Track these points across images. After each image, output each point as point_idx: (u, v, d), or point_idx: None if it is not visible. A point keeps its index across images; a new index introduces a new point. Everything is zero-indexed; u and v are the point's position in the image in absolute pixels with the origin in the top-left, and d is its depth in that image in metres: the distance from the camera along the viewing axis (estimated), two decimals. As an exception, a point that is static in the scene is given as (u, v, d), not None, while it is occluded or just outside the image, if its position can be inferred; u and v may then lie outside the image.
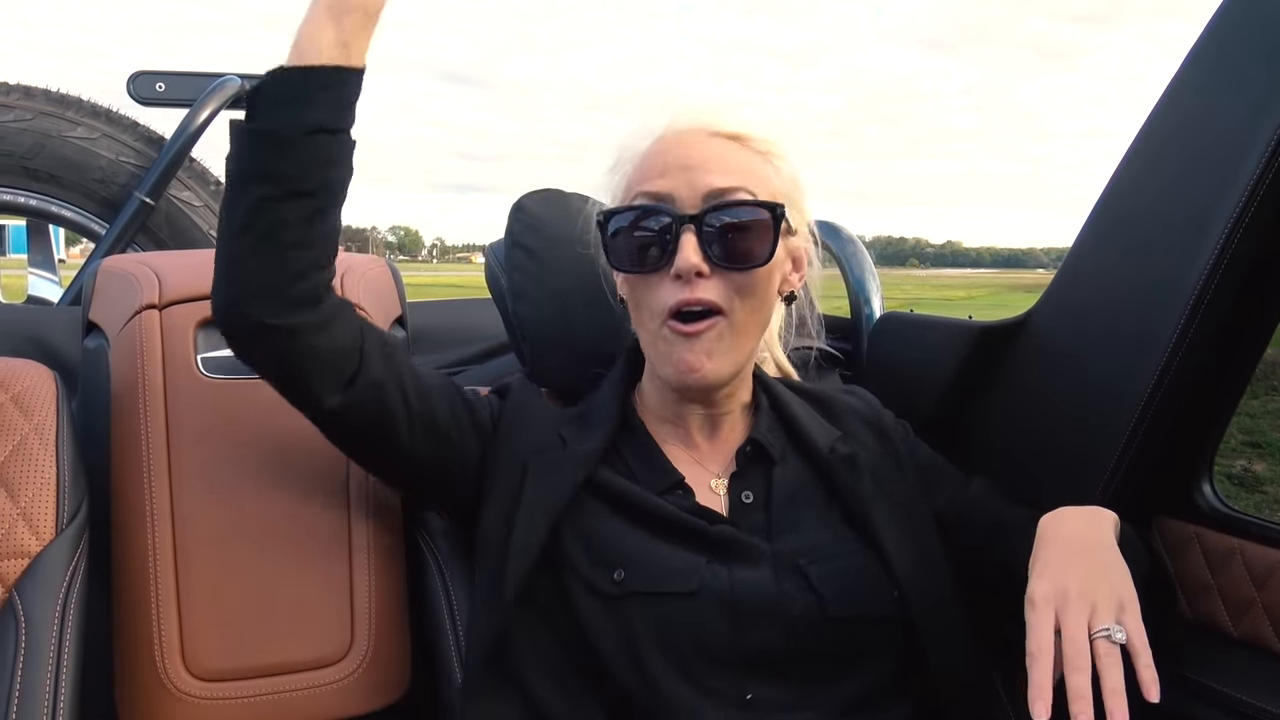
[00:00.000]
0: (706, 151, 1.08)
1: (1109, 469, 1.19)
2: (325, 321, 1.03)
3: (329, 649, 1.21)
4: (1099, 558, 0.94)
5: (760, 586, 1.02)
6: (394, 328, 1.42)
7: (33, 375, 1.22)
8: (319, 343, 1.03)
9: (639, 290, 1.11)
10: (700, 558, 1.04)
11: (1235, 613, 1.15)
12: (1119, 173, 1.29)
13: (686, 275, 1.05)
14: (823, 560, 1.06)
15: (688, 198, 1.06)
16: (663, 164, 1.09)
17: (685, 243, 1.04)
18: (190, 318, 1.28)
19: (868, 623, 1.04)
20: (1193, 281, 1.11)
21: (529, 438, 1.15)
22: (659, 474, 1.13)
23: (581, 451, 1.12)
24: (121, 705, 1.18)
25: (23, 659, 1.04)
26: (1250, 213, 1.08)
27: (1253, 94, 1.11)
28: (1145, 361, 1.16)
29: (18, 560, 1.10)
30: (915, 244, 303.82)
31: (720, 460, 1.17)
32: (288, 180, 0.97)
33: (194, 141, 2.56)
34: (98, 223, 2.57)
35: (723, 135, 1.10)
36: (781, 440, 1.17)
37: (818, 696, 1.01)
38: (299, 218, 0.98)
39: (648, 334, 1.12)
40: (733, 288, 1.07)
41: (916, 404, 1.38)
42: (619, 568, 1.03)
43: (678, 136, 1.11)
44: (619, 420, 1.17)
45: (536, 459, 1.12)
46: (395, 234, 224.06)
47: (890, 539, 1.08)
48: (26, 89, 2.50)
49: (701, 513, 1.09)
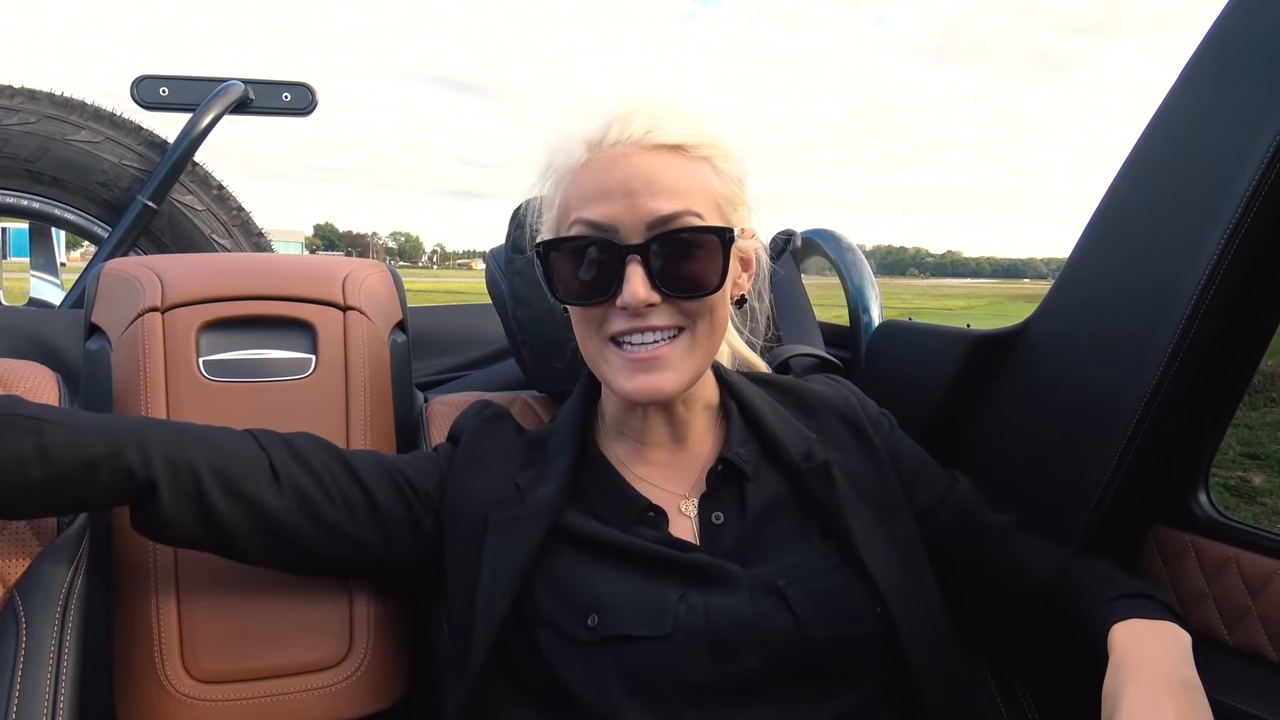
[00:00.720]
0: (647, 171, 1.01)
1: (1106, 477, 1.20)
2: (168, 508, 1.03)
3: (328, 652, 1.21)
4: (1191, 702, 0.91)
5: (737, 615, 0.99)
6: (395, 332, 1.43)
7: (35, 376, 1.22)
8: (177, 529, 1.05)
9: (582, 316, 1.07)
10: (674, 593, 1.00)
11: (1231, 621, 1.16)
12: (1117, 181, 1.29)
13: (635, 308, 1.01)
14: (801, 580, 1.02)
15: (631, 226, 1.00)
16: (602, 187, 1.02)
17: (632, 275, 1.00)
18: (193, 320, 1.29)
19: (850, 641, 1.01)
20: (1190, 289, 1.12)
21: (484, 492, 1.11)
22: (625, 504, 1.09)
23: (540, 501, 1.08)
24: (121, 707, 1.18)
25: (23, 659, 1.04)
26: (1248, 220, 1.08)
27: (1251, 102, 1.12)
28: (1142, 370, 1.16)
29: (19, 560, 1.10)
30: (915, 253, 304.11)
31: (688, 479, 1.13)
32: None
33: (197, 146, 2.58)
34: (100, 226, 2.59)
35: (663, 148, 1.02)
36: (754, 452, 1.13)
37: (805, 712, 0.99)
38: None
39: (591, 353, 1.09)
40: (683, 312, 1.03)
41: (914, 412, 1.38)
42: (592, 613, 1.00)
43: (614, 154, 1.02)
44: (578, 453, 1.13)
45: (495, 516, 1.07)
46: (395, 240, 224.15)
47: (870, 551, 1.05)
48: (30, 92, 2.52)
49: (672, 542, 1.05)
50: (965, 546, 1.17)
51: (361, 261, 1.49)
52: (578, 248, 1.03)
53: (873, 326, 1.70)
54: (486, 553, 1.05)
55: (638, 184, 1.01)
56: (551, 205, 1.10)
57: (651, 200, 1.00)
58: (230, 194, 2.70)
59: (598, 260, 1.02)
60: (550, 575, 1.04)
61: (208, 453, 1.04)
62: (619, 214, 1.01)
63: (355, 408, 1.31)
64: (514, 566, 1.04)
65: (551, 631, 1.01)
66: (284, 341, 1.32)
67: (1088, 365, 1.26)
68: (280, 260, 1.49)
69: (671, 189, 1.01)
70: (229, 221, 2.67)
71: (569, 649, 1.00)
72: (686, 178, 1.02)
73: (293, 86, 2.71)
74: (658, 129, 1.03)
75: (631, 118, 1.04)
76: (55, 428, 0.98)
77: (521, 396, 1.49)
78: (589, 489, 1.11)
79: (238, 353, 1.30)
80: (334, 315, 1.35)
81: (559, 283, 1.06)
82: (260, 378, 1.29)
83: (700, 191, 1.03)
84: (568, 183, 1.06)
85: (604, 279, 1.02)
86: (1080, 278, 1.33)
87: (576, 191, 1.05)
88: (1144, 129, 1.27)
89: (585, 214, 1.02)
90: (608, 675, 0.98)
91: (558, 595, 1.03)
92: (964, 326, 1.52)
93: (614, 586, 1.02)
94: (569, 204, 1.06)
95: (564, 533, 1.06)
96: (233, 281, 1.35)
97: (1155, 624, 0.98)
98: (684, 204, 1.01)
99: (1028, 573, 1.15)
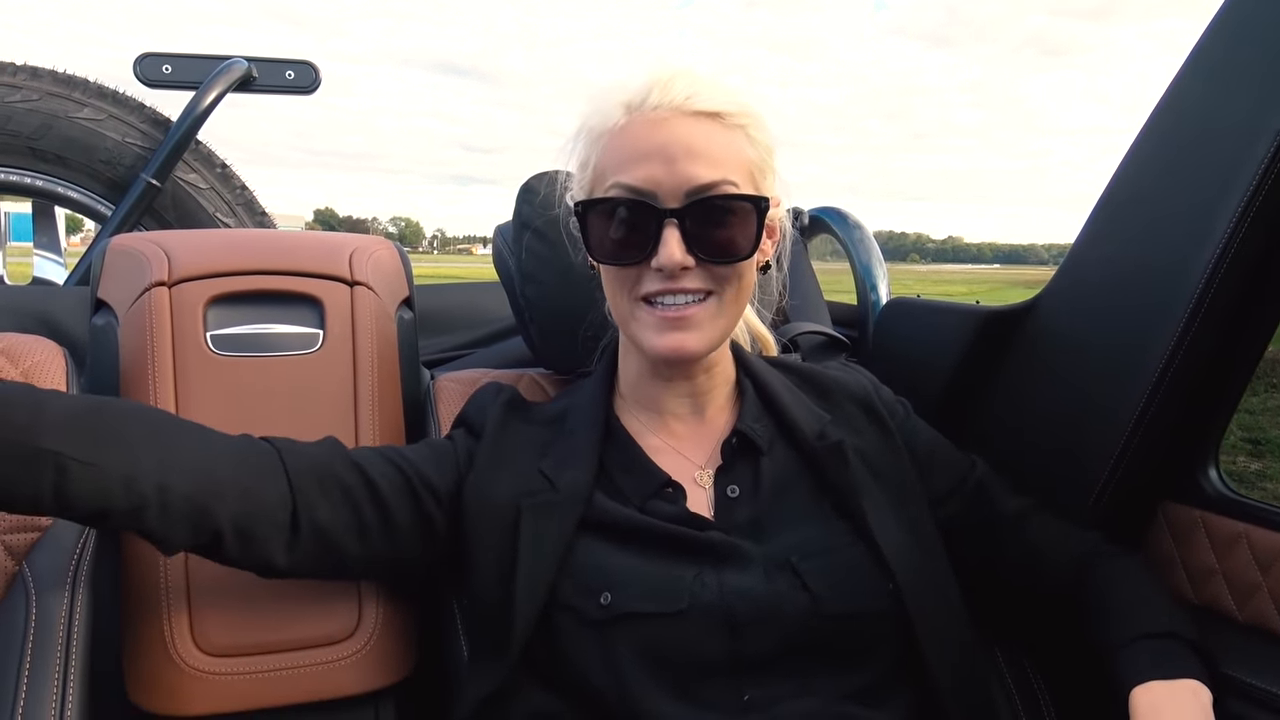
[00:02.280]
0: (686, 137, 1.03)
1: (1115, 454, 1.20)
2: (226, 532, 0.99)
3: (337, 626, 1.21)
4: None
5: (751, 592, 1.00)
6: (402, 309, 1.42)
7: (43, 351, 1.22)
8: (232, 551, 1.01)
9: (616, 275, 1.09)
10: (689, 571, 1.02)
11: (1240, 597, 1.16)
12: (1126, 160, 1.29)
13: (670, 270, 1.03)
14: (814, 556, 1.04)
15: (669, 190, 1.03)
16: (640, 151, 1.04)
17: (669, 238, 1.02)
18: (200, 295, 1.28)
19: (863, 618, 1.02)
20: (1200, 266, 1.12)
21: (512, 485, 1.11)
22: (644, 478, 1.11)
23: (572, 486, 1.08)
24: (130, 680, 1.18)
25: (33, 632, 1.05)
26: (1259, 199, 1.08)
27: (1259, 85, 1.11)
28: (1152, 346, 1.16)
29: (29, 533, 1.10)
30: (916, 239, 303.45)
31: (704, 451, 1.14)
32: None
33: (200, 124, 2.57)
34: (104, 204, 2.58)
35: (701, 114, 1.05)
36: (769, 429, 1.15)
37: (817, 686, 1.00)
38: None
39: (622, 313, 1.10)
40: (714, 276, 1.06)
41: (922, 388, 1.38)
42: (605, 591, 1.01)
43: (654, 118, 1.05)
44: (602, 431, 1.14)
45: (528, 503, 1.08)
46: (395, 225, 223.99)
47: (883, 530, 1.06)
48: (33, 69, 2.51)
49: (688, 519, 1.07)
50: (980, 530, 1.18)
51: (368, 237, 1.48)
52: (615, 209, 1.05)
53: (880, 305, 1.70)
54: (523, 539, 1.05)
55: (677, 149, 1.03)
56: (586, 166, 1.12)
57: (690, 166, 1.02)
58: (234, 173, 2.70)
59: (635, 222, 1.04)
60: (573, 560, 1.04)
61: (235, 507, 0.99)
62: (658, 178, 1.03)
63: (364, 383, 1.31)
64: (551, 551, 1.04)
65: (564, 612, 1.02)
66: (292, 316, 1.32)
67: (1098, 342, 1.26)
68: (287, 235, 1.49)
69: (709, 156, 1.03)
70: (233, 200, 2.66)
71: (582, 629, 1.01)
72: (723, 145, 1.05)
73: (296, 64, 2.70)
74: (696, 95, 1.05)
75: (671, 82, 1.06)
76: (79, 471, 0.90)
77: (529, 374, 1.49)
78: (609, 463, 1.12)
79: (245, 327, 1.29)
80: (341, 290, 1.35)
81: (594, 242, 1.08)
82: (268, 352, 1.28)
83: (735, 159, 1.05)
84: (604, 144, 1.08)
85: (640, 240, 1.04)
86: (1091, 255, 1.33)
87: (614, 154, 1.07)
88: (1154, 107, 1.27)
89: (623, 178, 1.04)
90: (622, 653, 0.98)
91: (576, 578, 1.03)
92: (973, 303, 1.51)
93: (628, 565, 1.03)
94: (605, 165, 1.08)
95: (591, 519, 1.07)
96: (240, 256, 1.34)
97: (1176, 688, 0.98)
98: (721, 172, 1.03)
99: (1045, 558, 1.16)
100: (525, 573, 1.04)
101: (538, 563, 1.04)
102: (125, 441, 0.94)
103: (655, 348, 1.06)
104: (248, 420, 1.24)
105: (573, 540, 1.05)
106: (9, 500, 0.89)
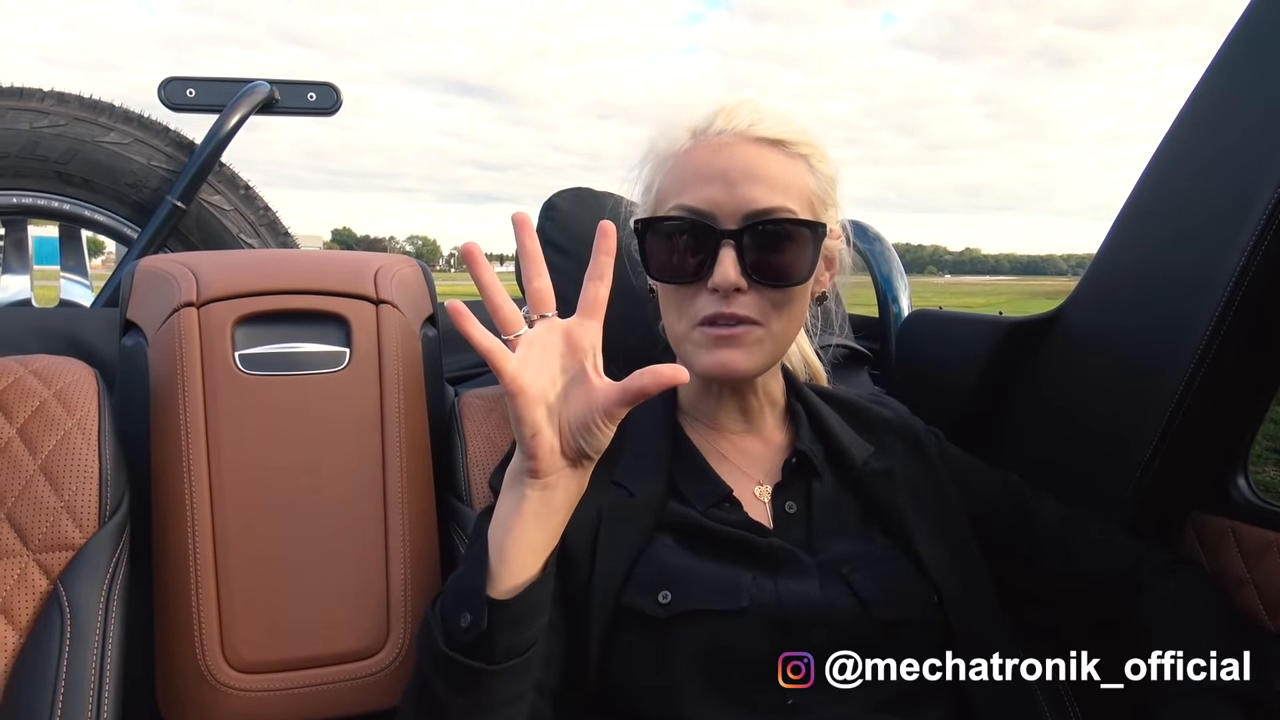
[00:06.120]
0: (747, 162, 1.06)
1: (1143, 463, 1.19)
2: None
3: (366, 641, 1.22)
4: None
5: (806, 598, 1.01)
6: (426, 326, 1.43)
7: (74, 372, 1.24)
8: None
9: (673, 296, 1.11)
10: (747, 573, 1.03)
11: (1272, 606, 1.15)
12: (1150, 168, 1.28)
13: (725, 291, 1.05)
14: (863, 567, 1.05)
15: (729, 212, 1.05)
16: (702, 173, 1.07)
17: (725, 258, 1.04)
18: (228, 315, 1.30)
19: (909, 626, 1.04)
20: (1227, 275, 1.11)
21: (589, 492, 1.06)
22: (709, 487, 1.12)
23: (649, 495, 1.09)
24: (162, 696, 1.19)
25: (69, 648, 1.06)
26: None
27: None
28: (1179, 355, 1.15)
29: (63, 553, 1.11)
30: (933, 251, 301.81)
31: (761, 466, 1.16)
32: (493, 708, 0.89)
33: (224, 146, 2.59)
34: (130, 226, 2.61)
35: (764, 141, 1.08)
36: (820, 454, 1.16)
37: (861, 695, 1.00)
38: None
39: (677, 334, 1.12)
40: (769, 302, 1.07)
41: (946, 400, 1.38)
42: (664, 589, 1.01)
43: (718, 142, 1.08)
44: (670, 442, 1.15)
45: (608, 509, 1.07)
46: (413, 244, 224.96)
47: (927, 547, 1.08)
48: (60, 95, 2.54)
49: (750, 525, 1.08)
50: (1018, 540, 1.18)
51: (392, 256, 1.49)
52: (674, 229, 1.08)
53: (902, 316, 1.70)
54: (602, 541, 1.05)
55: (737, 173, 1.05)
56: (650, 188, 1.15)
57: (750, 189, 1.05)
58: (257, 194, 2.72)
59: (693, 243, 1.06)
60: (639, 557, 1.05)
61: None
62: (718, 200, 1.05)
63: (390, 400, 1.32)
64: (629, 551, 1.04)
65: (623, 613, 1.01)
66: (318, 335, 1.33)
67: (1123, 352, 1.26)
68: (312, 255, 1.51)
69: (769, 181, 1.06)
70: (256, 221, 2.69)
71: (638, 630, 1.00)
72: (784, 173, 1.07)
73: (318, 86, 2.72)
74: (760, 123, 1.08)
75: (737, 110, 1.10)
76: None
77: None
78: (676, 472, 1.14)
79: (273, 346, 1.30)
80: (367, 309, 1.36)
81: (652, 262, 1.10)
82: (295, 371, 1.30)
83: (795, 187, 1.08)
84: (669, 167, 1.11)
85: (697, 261, 1.06)
86: (1114, 265, 1.32)
87: (677, 176, 1.10)
88: (1175, 117, 1.26)
89: (684, 199, 1.07)
90: (677, 652, 0.99)
91: (637, 577, 1.03)
92: (996, 314, 1.51)
93: (690, 565, 1.04)
94: (668, 187, 1.11)
95: (664, 520, 1.08)
96: (267, 276, 1.35)
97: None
98: (780, 199, 1.05)
99: (1087, 568, 1.17)
100: (603, 570, 1.03)
101: (614, 562, 1.04)
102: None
103: (703, 364, 1.08)
104: (276, 438, 1.26)
105: (647, 542, 1.06)
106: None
